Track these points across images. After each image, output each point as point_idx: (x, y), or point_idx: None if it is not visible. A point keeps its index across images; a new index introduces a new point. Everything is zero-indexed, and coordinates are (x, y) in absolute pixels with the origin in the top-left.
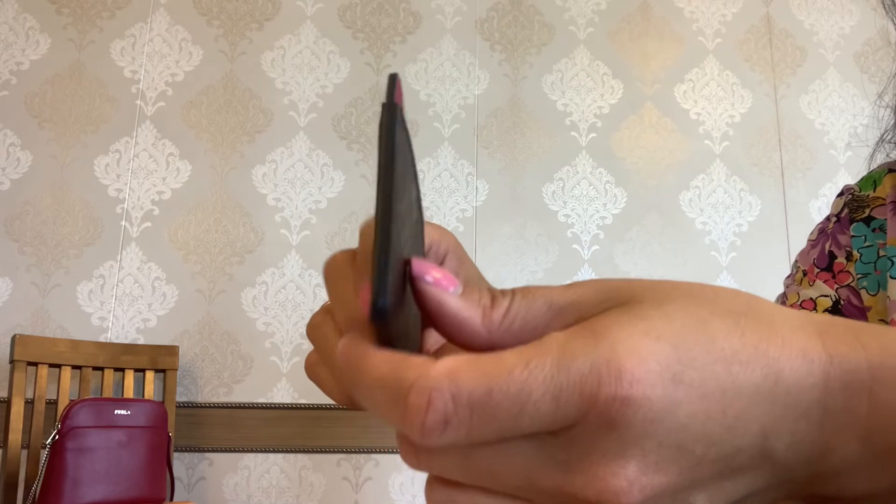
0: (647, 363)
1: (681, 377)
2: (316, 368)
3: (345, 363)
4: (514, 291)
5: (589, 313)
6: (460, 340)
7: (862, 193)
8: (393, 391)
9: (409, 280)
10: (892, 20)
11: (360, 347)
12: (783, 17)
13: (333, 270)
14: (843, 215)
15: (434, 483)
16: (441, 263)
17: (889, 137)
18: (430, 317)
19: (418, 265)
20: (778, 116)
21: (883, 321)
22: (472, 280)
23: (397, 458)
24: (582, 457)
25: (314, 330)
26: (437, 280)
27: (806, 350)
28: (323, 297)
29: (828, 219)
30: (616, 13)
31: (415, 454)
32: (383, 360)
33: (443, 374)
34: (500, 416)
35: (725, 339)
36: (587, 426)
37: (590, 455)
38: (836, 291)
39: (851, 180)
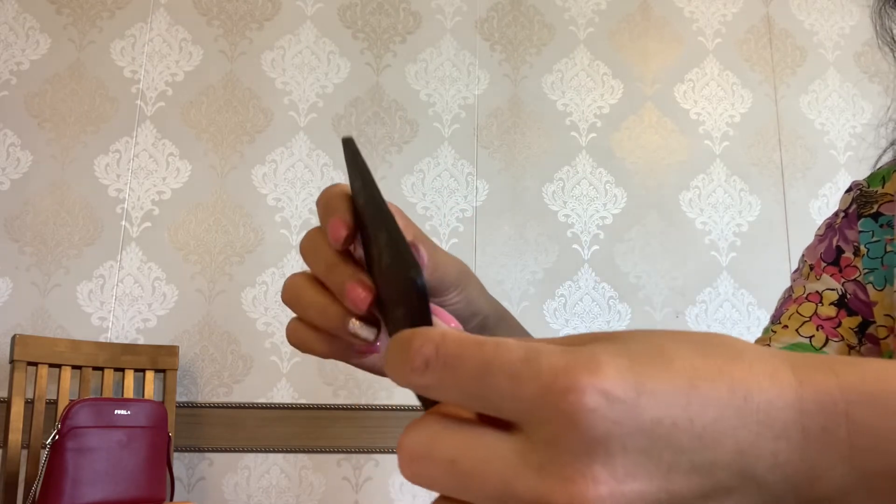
0: (604, 368)
1: (642, 386)
2: (298, 331)
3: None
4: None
5: None
6: None
7: (870, 189)
8: (405, 342)
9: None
10: (892, 51)
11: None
12: (783, 17)
13: (309, 243)
14: (850, 210)
15: None
16: None
17: None
18: None
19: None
20: (778, 116)
21: (889, 316)
22: (441, 264)
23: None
24: (553, 459)
25: (310, 244)
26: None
27: (774, 374)
28: None
29: (836, 214)
30: (616, 13)
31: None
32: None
33: (439, 332)
34: (463, 375)
35: (686, 359)
36: (553, 424)
37: (560, 456)
38: (842, 285)
39: (851, 181)
